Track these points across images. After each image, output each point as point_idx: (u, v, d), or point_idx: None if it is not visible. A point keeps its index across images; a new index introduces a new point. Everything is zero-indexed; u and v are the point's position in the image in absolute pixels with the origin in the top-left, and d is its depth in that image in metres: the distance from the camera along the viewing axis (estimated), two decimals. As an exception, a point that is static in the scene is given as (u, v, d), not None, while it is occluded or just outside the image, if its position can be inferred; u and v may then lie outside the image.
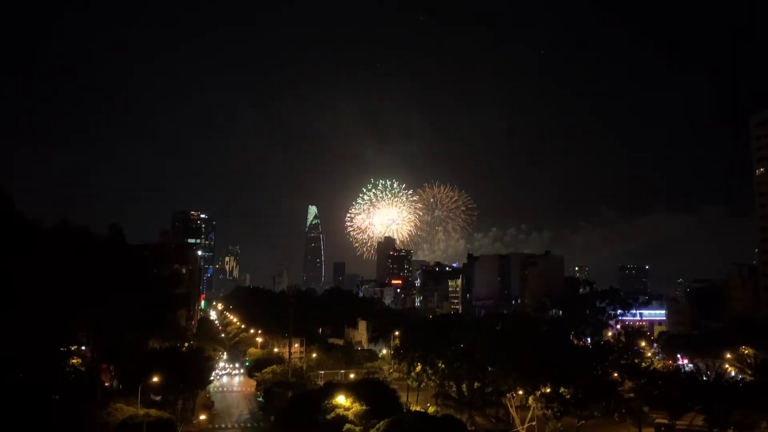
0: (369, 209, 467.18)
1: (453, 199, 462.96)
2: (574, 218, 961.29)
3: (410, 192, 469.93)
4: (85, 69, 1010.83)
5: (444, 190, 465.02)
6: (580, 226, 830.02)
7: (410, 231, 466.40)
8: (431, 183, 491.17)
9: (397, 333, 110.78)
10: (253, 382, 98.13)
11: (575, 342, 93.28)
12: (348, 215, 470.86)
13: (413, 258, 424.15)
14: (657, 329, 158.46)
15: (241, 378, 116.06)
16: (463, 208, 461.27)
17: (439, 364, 74.18)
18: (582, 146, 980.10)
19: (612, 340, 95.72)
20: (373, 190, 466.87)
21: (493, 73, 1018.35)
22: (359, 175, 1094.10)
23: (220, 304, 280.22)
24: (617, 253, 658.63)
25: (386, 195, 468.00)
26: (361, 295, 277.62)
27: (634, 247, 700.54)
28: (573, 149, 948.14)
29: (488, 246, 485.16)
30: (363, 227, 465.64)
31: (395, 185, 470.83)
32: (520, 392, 69.91)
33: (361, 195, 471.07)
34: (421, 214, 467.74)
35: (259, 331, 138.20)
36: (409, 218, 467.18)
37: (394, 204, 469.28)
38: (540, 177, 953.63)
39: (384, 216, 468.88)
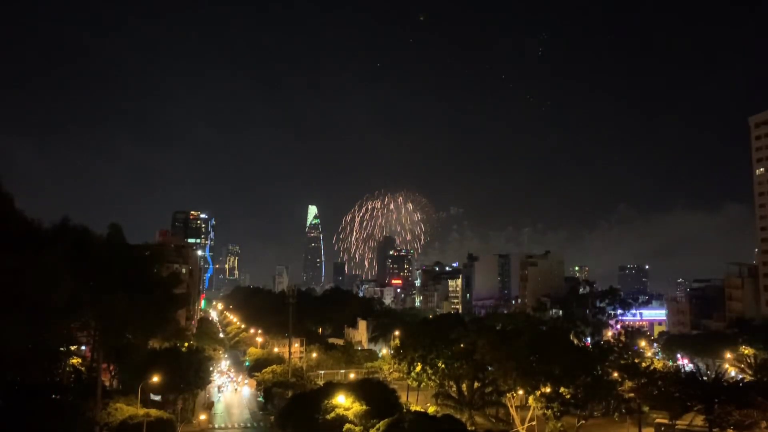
0: (370, 216, 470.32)
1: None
2: (593, 217, 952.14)
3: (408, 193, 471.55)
4: (86, 66, 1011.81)
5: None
6: (599, 224, 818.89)
7: (417, 232, 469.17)
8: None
9: (397, 333, 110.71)
10: (253, 382, 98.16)
11: (575, 342, 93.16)
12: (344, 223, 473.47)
13: (415, 257, 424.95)
14: (657, 329, 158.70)
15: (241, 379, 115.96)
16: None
17: (439, 364, 74.13)
18: (601, 144, 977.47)
19: (612, 340, 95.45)
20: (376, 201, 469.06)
21: (512, 69, 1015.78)
22: (363, 174, 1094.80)
23: (220, 304, 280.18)
24: (632, 252, 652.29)
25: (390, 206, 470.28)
26: (361, 295, 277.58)
27: (646, 247, 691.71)
28: (593, 147, 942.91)
29: (503, 246, 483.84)
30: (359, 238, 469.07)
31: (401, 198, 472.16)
32: (520, 392, 69.84)
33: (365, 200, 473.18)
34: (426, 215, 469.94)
35: (259, 331, 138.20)
36: (416, 219, 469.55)
37: (402, 210, 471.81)
38: (558, 175, 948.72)
39: (389, 219, 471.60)
